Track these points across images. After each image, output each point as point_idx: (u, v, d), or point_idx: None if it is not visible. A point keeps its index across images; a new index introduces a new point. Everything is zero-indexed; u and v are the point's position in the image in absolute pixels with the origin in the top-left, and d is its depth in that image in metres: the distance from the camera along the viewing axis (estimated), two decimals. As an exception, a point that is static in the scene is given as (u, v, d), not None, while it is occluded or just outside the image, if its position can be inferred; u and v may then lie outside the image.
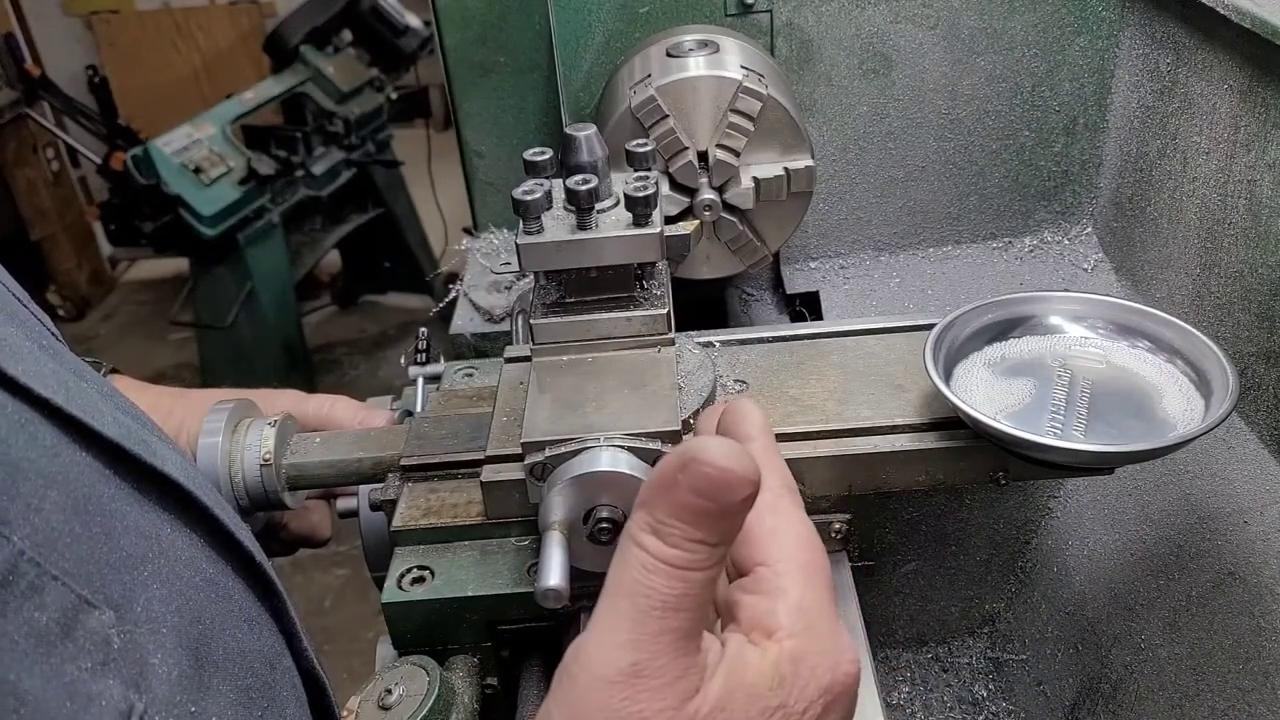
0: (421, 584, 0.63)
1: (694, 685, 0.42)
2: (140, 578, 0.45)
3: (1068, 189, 1.05)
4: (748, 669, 0.43)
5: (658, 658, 0.41)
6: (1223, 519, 0.77)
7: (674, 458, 0.41)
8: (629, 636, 0.41)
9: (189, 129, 3.04)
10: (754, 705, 0.43)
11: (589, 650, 0.42)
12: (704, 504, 0.40)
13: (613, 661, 0.41)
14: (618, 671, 0.41)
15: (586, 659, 0.42)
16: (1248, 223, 0.78)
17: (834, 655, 0.45)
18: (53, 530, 0.40)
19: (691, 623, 0.42)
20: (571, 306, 0.67)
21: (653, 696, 0.41)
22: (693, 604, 0.41)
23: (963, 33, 0.97)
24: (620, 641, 0.41)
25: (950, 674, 1.02)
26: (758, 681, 0.43)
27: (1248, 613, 0.72)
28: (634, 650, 0.41)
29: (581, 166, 0.64)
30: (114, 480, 0.47)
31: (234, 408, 0.72)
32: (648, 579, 0.41)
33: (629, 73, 0.94)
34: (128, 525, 0.46)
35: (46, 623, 0.39)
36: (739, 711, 0.42)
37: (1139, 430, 0.62)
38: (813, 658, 0.44)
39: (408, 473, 0.69)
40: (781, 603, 0.45)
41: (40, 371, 0.44)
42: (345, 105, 3.32)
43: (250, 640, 0.53)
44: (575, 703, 0.41)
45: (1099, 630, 0.87)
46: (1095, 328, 0.69)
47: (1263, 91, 0.75)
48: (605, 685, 0.41)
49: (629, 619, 0.41)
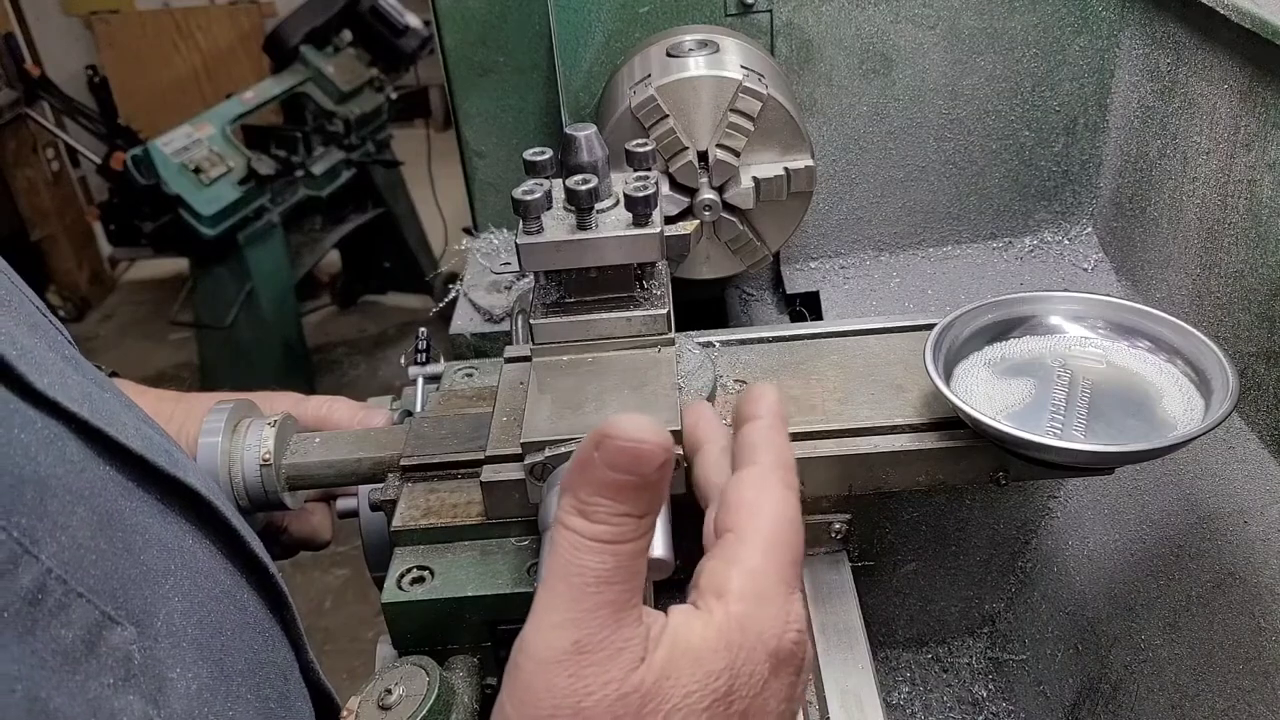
0: (421, 584, 0.63)
1: (638, 656, 0.42)
2: (162, 592, 0.45)
3: (1068, 189, 1.05)
4: (692, 635, 0.44)
5: (597, 633, 0.41)
6: (1223, 519, 0.77)
7: (589, 438, 0.42)
8: (566, 616, 0.41)
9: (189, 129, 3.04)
10: (699, 669, 0.43)
11: (529, 638, 0.42)
12: (621, 478, 0.41)
13: (553, 643, 0.41)
14: (560, 652, 0.41)
15: (529, 646, 0.42)
16: (1248, 223, 0.78)
17: (782, 621, 0.45)
18: (79, 547, 0.41)
19: (627, 595, 0.42)
20: (571, 307, 0.67)
21: (597, 671, 0.41)
22: (625, 576, 0.42)
23: (963, 33, 0.97)
24: (558, 622, 0.41)
25: (950, 674, 1.02)
26: (702, 647, 0.44)
27: (1248, 613, 0.72)
28: (573, 629, 0.41)
29: (581, 166, 0.64)
30: (137, 493, 0.48)
31: (234, 408, 0.72)
32: (578, 558, 0.42)
33: (629, 73, 0.94)
34: (150, 539, 0.47)
35: (72, 640, 0.39)
36: (685, 677, 0.43)
37: (1139, 430, 0.62)
38: (760, 622, 0.45)
39: (407, 473, 0.69)
40: (737, 568, 0.46)
41: (66, 384, 0.44)
42: (345, 105, 3.32)
43: (266, 652, 0.53)
44: (524, 691, 0.41)
45: (1099, 630, 0.87)
46: (1095, 328, 0.69)
47: (1263, 91, 0.75)
48: (550, 667, 0.41)
49: (565, 599, 0.42)
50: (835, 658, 0.67)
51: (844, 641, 0.68)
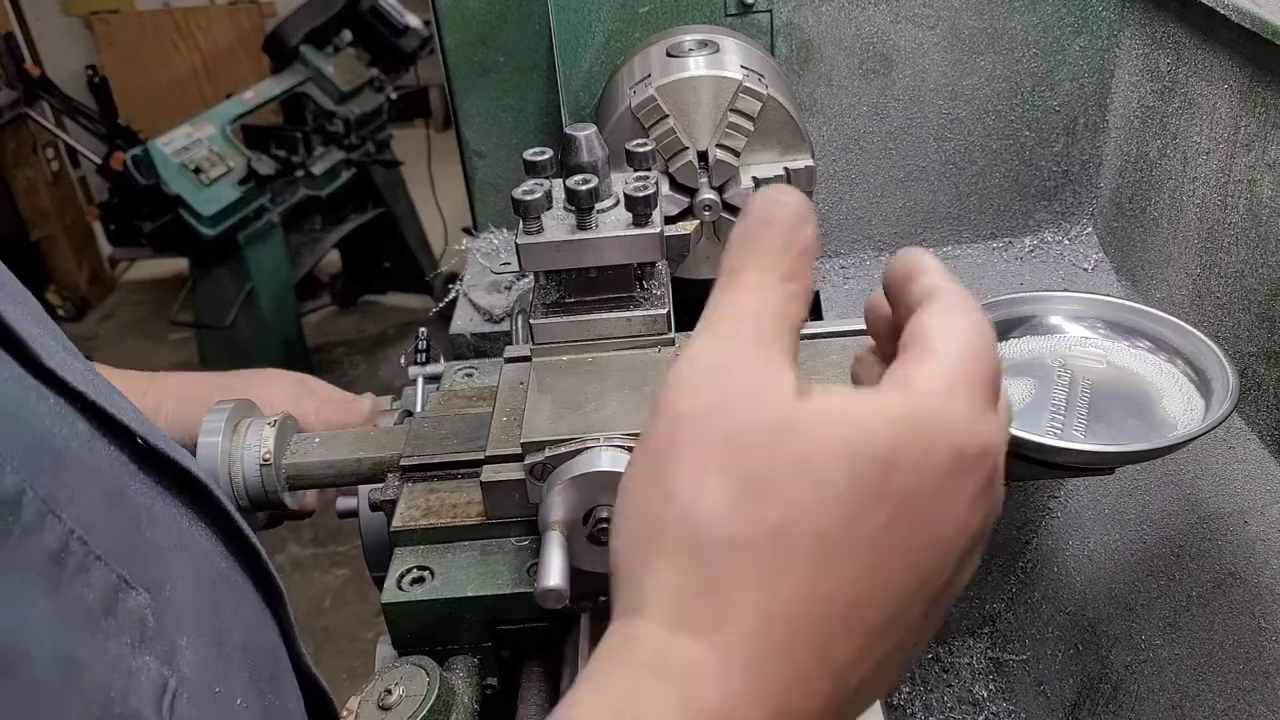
0: (421, 584, 0.63)
1: (790, 387, 0.37)
2: (167, 566, 0.47)
3: (1068, 189, 1.05)
4: (862, 402, 0.37)
5: (746, 353, 0.38)
6: (1223, 519, 0.76)
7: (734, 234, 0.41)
8: (711, 342, 0.39)
9: (189, 129, 3.04)
10: (860, 428, 0.36)
11: (668, 380, 0.39)
12: (761, 225, 0.40)
13: (700, 359, 0.39)
14: (708, 368, 0.38)
15: (668, 385, 0.39)
16: (1248, 223, 0.78)
17: (974, 421, 0.38)
18: (94, 516, 0.42)
19: (779, 338, 0.39)
20: (571, 307, 0.67)
21: (746, 390, 0.37)
22: (775, 320, 0.39)
23: (963, 33, 0.97)
24: (705, 344, 0.39)
25: (951, 674, 1.02)
26: (870, 412, 0.37)
27: (1248, 613, 0.72)
28: (716, 350, 0.39)
29: (581, 166, 0.64)
30: (139, 475, 0.49)
31: (233, 408, 0.72)
32: (731, 299, 0.40)
33: (629, 72, 0.94)
34: (154, 517, 0.48)
35: (93, 600, 0.41)
36: (842, 429, 0.36)
37: (1139, 430, 0.62)
38: (946, 414, 0.37)
39: (407, 473, 0.69)
40: (925, 365, 0.39)
41: (70, 367, 0.45)
42: (345, 105, 3.32)
43: (258, 635, 0.54)
44: (658, 430, 0.38)
45: (1099, 630, 0.87)
46: (1095, 328, 0.69)
47: (1263, 91, 0.75)
48: (698, 381, 0.38)
49: (710, 333, 0.39)
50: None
51: (844, 641, 0.68)
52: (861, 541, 0.36)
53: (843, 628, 0.36)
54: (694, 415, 0.38)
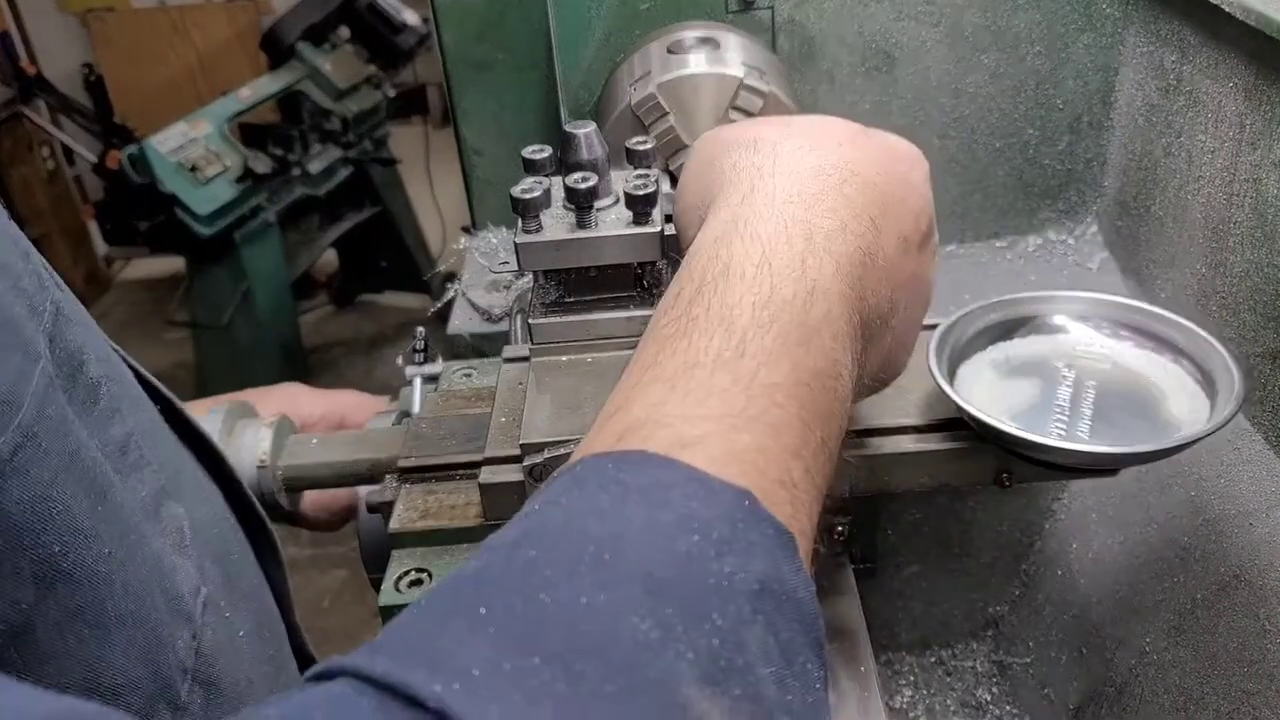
0: (419, 586, 0.62)
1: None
2: (194, 500, 0.51)
3: (1072, 187, 1.04)
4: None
5: None
6: (1228, 521, 0.76)
7: None
8: None
9: (185, 127, 3.03)
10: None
11: None
12: None
13: None
14: None
15: None
16: (1254, 222, 0.77)
17: (907, 143, 0.52)
18: (143, 432, 0.47)
19: None
20: (571, 306, 0.66)
21: None
22: None
23: (966, 30, 0.97)
24: None
25: (954, 678, 1.01)
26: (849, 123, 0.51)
27: (1253, 615, 0.71)
28: None
29: (581, 164, 0.63)
30: (166, 426, 0.53)
31: (229, 409, 0.71)
32: None
33: (629, 70, 0.93)
34: (184, 461, 0.53)
35: (145, 497, 0.45)
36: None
37: (1144, 431, 0.62)
38: (885, 133, 0.52)
39: (405, 474, 0.68)
40: None
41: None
42: (343, 103, 3.30)
43: (262, 597, 0.57)
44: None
45: (1103, 633, 0.86)
46: (1100, 327, 0.68)
47: (1268, 89, 0.74)
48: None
49: None
50: (837, 661, 0.66)
51: (846, 644, 0.67)
52: (868, 153, 0.48)
53: (873, 197, 0.47)
54: (718, 129, 0.54)
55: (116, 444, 0.44)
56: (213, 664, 0.46)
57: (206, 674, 0.45)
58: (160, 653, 0.42)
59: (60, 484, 0.37)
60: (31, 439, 0.36)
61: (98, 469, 0.40)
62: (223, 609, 0.49)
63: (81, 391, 0.42)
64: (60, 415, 0.39)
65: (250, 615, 0.54)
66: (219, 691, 0.46)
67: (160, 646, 0.42)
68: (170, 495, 0.48)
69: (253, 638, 0.52)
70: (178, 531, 0.47)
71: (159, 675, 0.42)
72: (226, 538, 0.55)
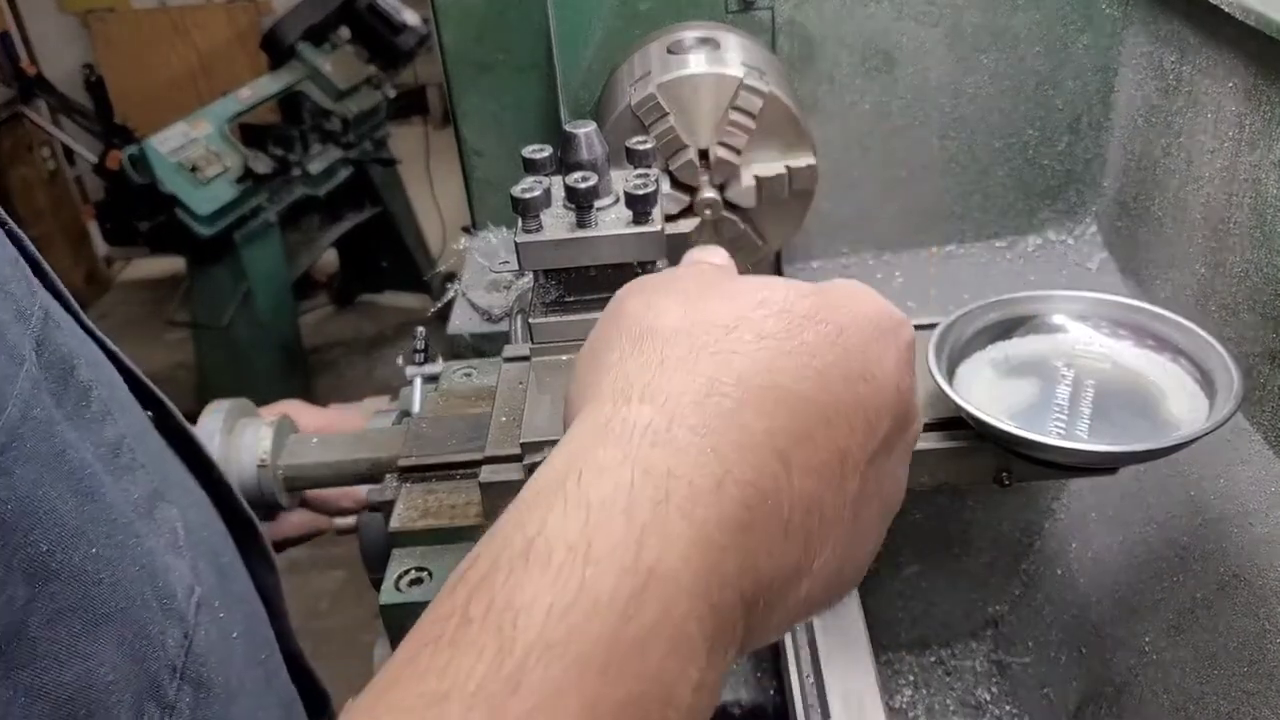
0: (420, 585, 0.63)
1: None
2: (185, 503, 0.51)
3: (1072, 188, 1.04)
4: (786, 281, 0.42)
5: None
6: (1227, 521, 0.76)
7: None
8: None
9: (185, 127, 3.03)
10: (784, 284, 0.41)
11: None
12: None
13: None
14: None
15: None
16: (1253, 222, 0.77)
17: (891, 307, 0.43)
18: (135, 435, 0.48)
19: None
20: (571, 305, 0.66)
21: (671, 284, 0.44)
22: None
23: (966, 30, 0.97)
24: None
25: (953, 677, 1.01)
26: (792, 284, 0.41)
27: (1252, 615, 0.71)
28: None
29: (581, 164, 0.63)
30: (155, 432, 0.54)
31: (229, 409, 0.71)
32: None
33: (629, 70, 0.93)
34: (173, 465, 0.53)
35: (138, 499, 0.45)
36: (766, 286, 0.41)
37: (1143, 430, 0.62)
38: (865, 292, 0.43)
39: (405, 473, 0.68)
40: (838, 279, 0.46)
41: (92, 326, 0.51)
42: (343, 103, 3.31)
43: (249, 595, 0.57)
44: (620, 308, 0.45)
45: (1103, 633, 0.86)
46: (1100, 327, 0.68)
47: (1268, 90, 0.74)
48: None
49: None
50: (837, 660, 0.66)
51: (846, 644, 0.67)
52: (802, 350, 0.38)
53: (789, 419, 0.37)
54: (642, 279, 0.45)
55: (109, 445, 0.44)
56: (203, 664, 0.46)
57: (197, 674, 0.45)
58: (149, 650, 0.42)
59: (46, 484, 0.38)
60: (17, 439, 0.37)
61: (86, 470, 0.41)
62: (216, 609, 0.49)
63: (73, 394, 0.43)
64: (46, 417, 0.39)
65: (242, 617, 0.54)
66: (209, 691, 0.46)
67: (150, 644, 0.42)
68: (163, 497, 0.48)
69: (244, 639, 0.52)
70: (172, 531, 0.47)
71: (147, 672, 0.42)
72: (217, 540, 0.55)
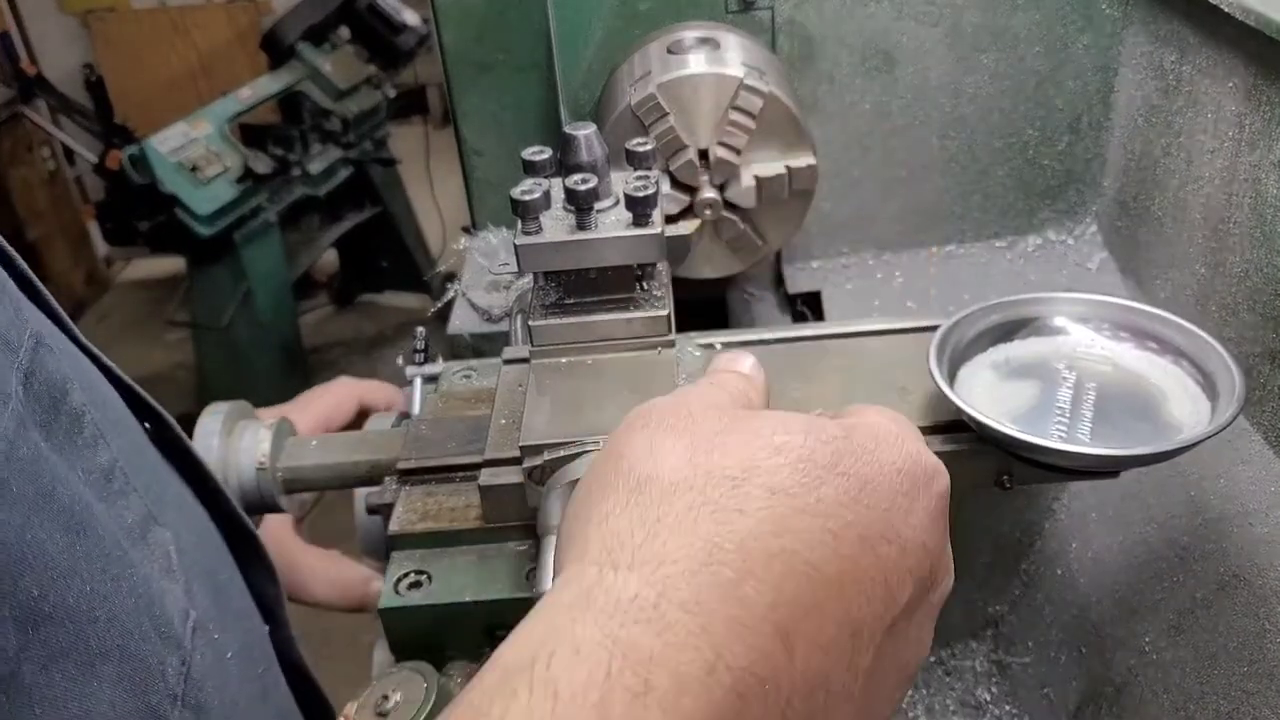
0: (419, 589, 0.62)
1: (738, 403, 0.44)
2: (180, 523, 0.50)
3: (1072, 187, 1.04)
4: (807, 419, 0.38)
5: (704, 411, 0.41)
6: (1228, 521, 0.76)
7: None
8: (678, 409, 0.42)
9: (185, 127, 3.03)
10: (810, 425, 0.37)
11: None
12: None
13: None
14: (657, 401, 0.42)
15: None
16: (1253, 222, 0.77)
17: (917, 447, 0.39)
18: (128, 458, 0.47)
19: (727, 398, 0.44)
20: (570, 308, 0.66)
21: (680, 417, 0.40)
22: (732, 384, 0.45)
23: (966, 30, 0.97)
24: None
25: (953, 677, 1.01)
26: (813, 425, 0.37)
27: (1253, 615, 0.71)
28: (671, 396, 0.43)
29: (581, 166, 0.63)
30: (150, 446, 0.53)
31: (228, 410, 0.71)
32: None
33: (629, 70, 0.93)
34: (164, 477, 0.52)
35: (131, 523, 0.45)
36: (785, 426, 0.36)
37: (1145, 433, 0.62)
38: (900, 436, 0.38)
39: (405, 476, 0.68)
40: (868, 406, 0.43)
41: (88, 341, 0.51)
42: (343, 103, 3.31)
43: (248, 609, 0.57)
44: (616, 431, 0.41)
45: (1103, 633, 0.86)
46: (1101, 329, 0.68)
47: (1268, 89, 0.74)
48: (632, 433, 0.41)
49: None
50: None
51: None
52: (817, 508, 0.34)
53: (796, 590, 0.32)
54: (651, 407, 0.40)
55: (101, 472, 0.43)
56: (201, 688, 0.45)
57: (196, 698, 0.45)
58: (150, 682, 0.41)
59: (34, 525, 0.36)
60: (1, 484, 0.35)
61: (76, 504, 0.40)
62: (211, 631, 0.48)
63: (64, 422, 0.41)
64: (33, 454, 0.38)
65: (239, 634, 0.53)
66: (207, 715, 0.45)
67: (149, 676, 0.41)
68: (156, 520, 0.47)
69: (240, 657, 0.52)
70: (165, 556, 0.46)
71: (149, 706, 0.41)
72: (213, 557, 0.54)
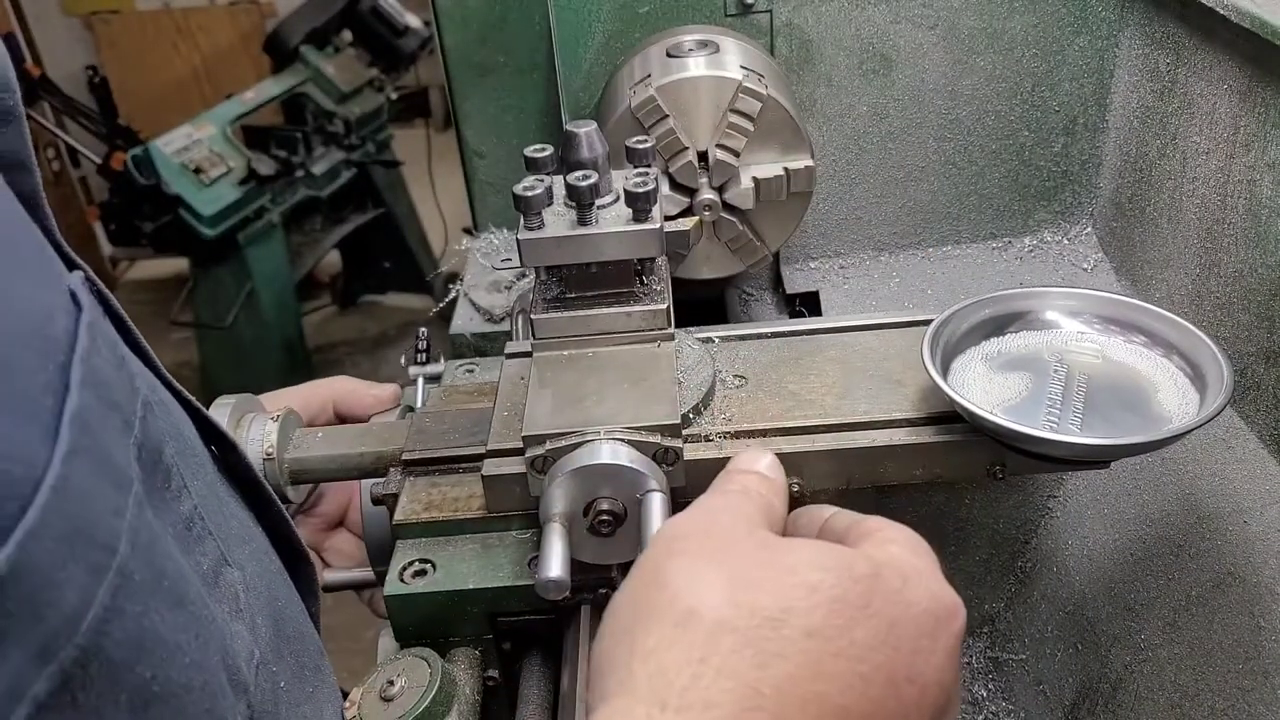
0: (423, 577, 0.63)
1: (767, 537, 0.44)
2: (244, 555, 0.51)
3: (1067, 189, 1.05)
4: (836, 546, 0.42)
5: (724, 512, 0.45)
6: (1222, 518, 0.77)
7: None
8: (693, 509, 0.45)
9: (189, 129, 3.04)
10: (841, 559, 0.39)
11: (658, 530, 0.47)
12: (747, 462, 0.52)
13: (683, 519, 0.46)
14: (687, 518, 0.44)
15: (659, 531, 0.46)
16: (1247, 223, 0.78)
17: (944, 591, 0.42)
18: (204, 499, 0.47)
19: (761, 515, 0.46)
20: (572, 302, 0.67)
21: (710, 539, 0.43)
22: (759, 504, 0.47)
23: (962, 33, 0.98)
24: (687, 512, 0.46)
25: (949, 672, 1.02)
26: (845, 553, 0.40)
27: (1247, 612, 0.72)
28: (699, 511, 0.46)
29: (582, 162, 0.64)
30: (221, 475, 0.53)
31: (236, 403, 0.72)
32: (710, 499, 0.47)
33: (629, 73, 0.94)
34: (231, 512, 0.53)
35: (206, 569, 0.45)
36: (818, 562, 0.39)
37: (1134, 424, 0.63)
38: (923, 573, 0.41)
39: (409, 467, 0.69)
40: (892, 533, 0.45)
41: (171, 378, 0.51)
42: (345, 105, 3.32)
43: (305, 626, 0.57)
44: (650, 551, 0.44)
45: (1098, 630, 0.87)
46: (1091, 323, 0.69)
47: (1262, 91, 0.75)
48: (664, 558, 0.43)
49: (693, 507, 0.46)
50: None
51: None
52: (850, 651, 0.37)
53: (782, 713, 0.35)
54: (684, 531, 0.43)
55: (184, 522, 0.43)
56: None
57: None
58: None
59: (151, 610, 0.36)
60: (127, 578, 0.35)
61: (180, 576, 0.39)
62: (269, 664, 0.49)
63: (159, 480, 0.41)
64: (149, 537, 0.37)
65: (292, 659, 0.53)
66: None
67: None
68: (227, 560, 0.47)
69: (291, 683, 0.52)
70: (234, 597, 0.46)
71: None
72: (274, 583, 0.54)
